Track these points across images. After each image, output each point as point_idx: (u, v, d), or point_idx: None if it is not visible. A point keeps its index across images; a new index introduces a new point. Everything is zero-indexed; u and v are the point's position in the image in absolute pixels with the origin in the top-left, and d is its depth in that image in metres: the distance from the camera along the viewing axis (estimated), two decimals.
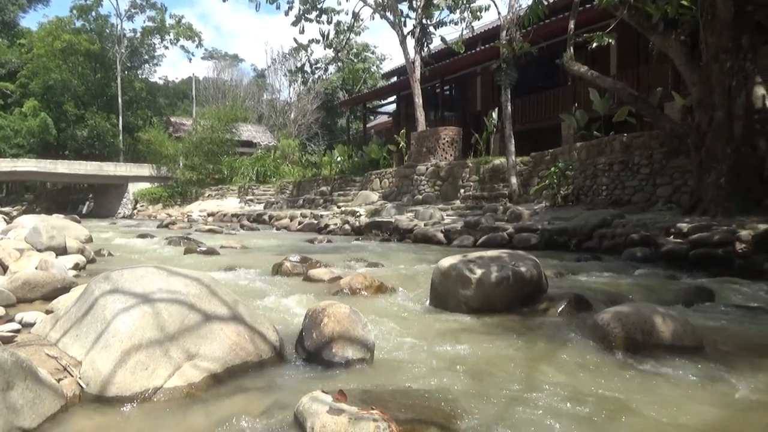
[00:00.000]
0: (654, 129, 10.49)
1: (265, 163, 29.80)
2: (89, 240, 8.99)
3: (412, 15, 19.23)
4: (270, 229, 16.86)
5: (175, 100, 52.14)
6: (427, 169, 16.42)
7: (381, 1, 19.09)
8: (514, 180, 13.13)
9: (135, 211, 30.66)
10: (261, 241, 11.34)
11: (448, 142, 16.82)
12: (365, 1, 19.75)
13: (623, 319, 3.25)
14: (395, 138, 20.23)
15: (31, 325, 3.14)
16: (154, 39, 44.80)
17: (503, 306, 4.21)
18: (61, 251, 6.49)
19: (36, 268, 4.77)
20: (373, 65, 42.08)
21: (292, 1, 19.43)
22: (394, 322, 3.87)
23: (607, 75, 12.26)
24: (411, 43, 19.09)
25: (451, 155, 16.66)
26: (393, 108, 28.03)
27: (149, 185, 31.79)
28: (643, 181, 10.25)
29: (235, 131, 32.26)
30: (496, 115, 15.92)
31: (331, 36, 19.68)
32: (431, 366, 2.86)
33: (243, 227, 17.07)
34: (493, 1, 16.57)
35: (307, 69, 43.48)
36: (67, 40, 38.09)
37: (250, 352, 2.70)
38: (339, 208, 17.25)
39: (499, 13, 15.66)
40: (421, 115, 18.69)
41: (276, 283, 5.41)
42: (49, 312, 3.45)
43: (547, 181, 12.04)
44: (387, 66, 39.53)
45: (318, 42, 20.87)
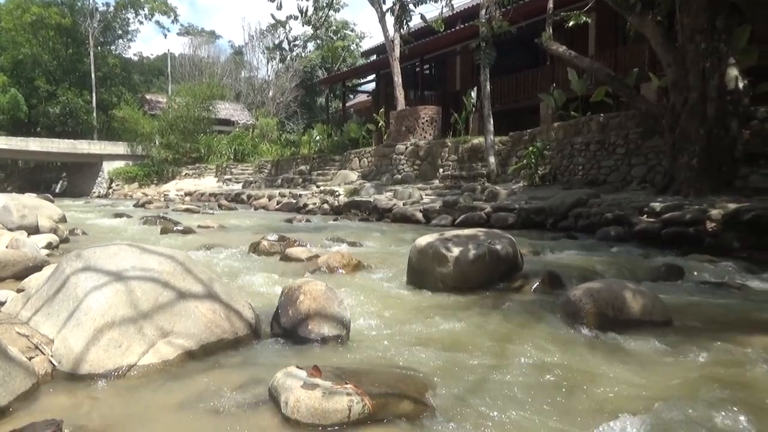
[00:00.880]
0: (630, 109, 10.59)
1: (243, 141, 29.44)
2: (63, 219, 8.84)
3: None
4: (248, 208, 16.74)
5: (151, 77, 51.00)
6: (406, 148, 16.40)
7: None
8: (492, 159, 13.19)
9: (110, 191, 30.13)
10: (239, 220, 11.26)
11: (427, 121, 16.79)
12: None
13: (594, 295, 3.32)
14: (374, 117, 20.13)
15: (2, 303, 3.10)
16: (128, 13, 43.58)
17: (479, 283, 4.27)
18: (33, 230, 6.37)
19: (6, 247, 4.68)
20: (352, 43, 41.58)
21: None
22: (371, 299, 3.90)
23: (585, 55, 12.32)
24: (390, 20, 18.87)
25: (430, 134, 16.65)
26: (372, 87, 27.83)
27: (125, 164, 31.21)
28: (618, 161, 10.38)
29: (212, 109, 31.76)
30: (475, 94, 15.91)
31: (309, 12, 19.29)
32: (406, 342, 2.90)
33: (221, 207, 16.91)
34: None
35: (285, 46, 42.79)
36: (36, 14, 36.87)
37: (225, 329, 2.70)
38: (318, 187, 17.18)
39: None
40: (400, 94, 18.59)
41: (253, 262, 5.40)
42: (20, 291, 3.40)
43: (525, 160, 12.13)
44: (366, 44, 39.13)
45: (296, 18, 20.50)
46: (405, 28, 18.62)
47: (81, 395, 2.15)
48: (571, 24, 10.02)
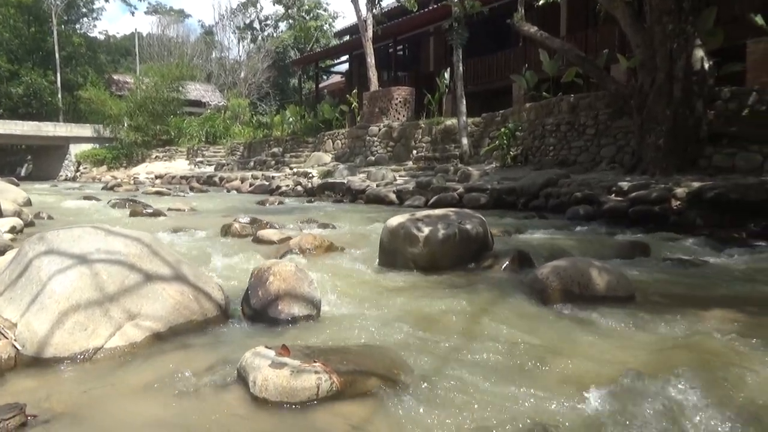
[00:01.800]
0: (600, 90, 10.72)
1: (215, 123, 28.96)
2: (27, 203, 8.63)
3: None
4: (221, 191, 16.55)
5: (118, 56, 49.62)
6: (379, 130, 16.35)
7: None
8: (465, 141, 13.24)
9: (78, 174, 29.42)
10: (210, 203, 11.14)
11: (400, 102, 16.74)
12: None
13: (561, 272, 3.39)
14: (348, 98, 19.99)
15: None
16: None
17: (450, 263, 4.31)
18: None
19: None
20: (325, 23, 41.00)
21: None
22: (342, 280, 3.91)
23: (556, 36, 12.38)
24: (363, 0, 18.69)
25: (403, 116, 16.62)
26: (346, 68, 27.57)
27: (92, 146, 30.46)
28: (588, 141, 10.52)
29: (181, 90, 31.08)
30: (448, 75, 15.90)
31: None
32: (376, 321, 2.92)
33: (192, 189, 16.69)
34: None
35: (256, 26, 42.07)
36: None
37: (194, 311, 2.69)
38: (291, 169, 17.06)
39: None
40: (373, 75, 18.47)
41: (224, 245, 5.36)
42: None
43: (497, 141, 12.21)
44: (339, 24, 38.63)
45: None
46: (377, 8, 18.48)
47: (46, 379, 2.12)
48: (541, 2, 10.04)
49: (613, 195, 7.50)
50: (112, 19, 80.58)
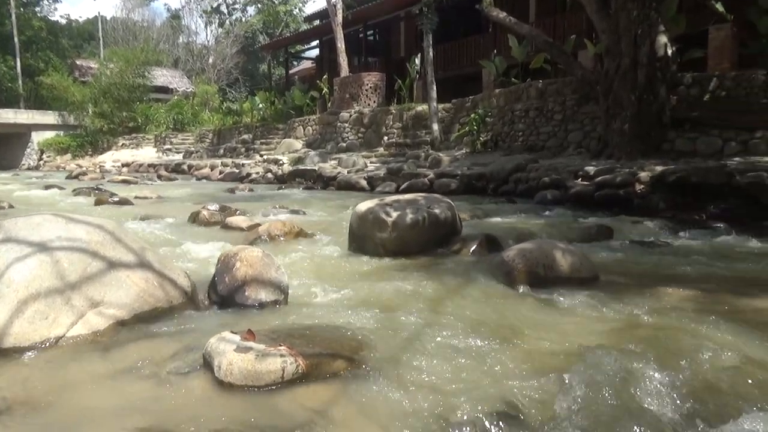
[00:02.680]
0: (567, 76, 10.85)
1: (183, 110, 28.40)
2: None
3: None
4: (190, 179, 16.30)
5: (81, 41, 48.11)
6: (350, 116, 16.28)
7: None
8: (435, 127, 13.27)
9: (41, 163, 28.56)
10: (179, 191, 10.98)
11: (371, 88, 16.67)
12: None
13: (527, 255, 3.45)
14: (318, 84, 19.82)
15: None
16: None
17: (419, 248, 4.34)
18: None
19: None
20: (294, 7, 40.42)
21: None
22: (311, 266, 3.92)
23: (525, 22, 12.45)
24: None
25: (374, 102, 16.57)
26: (316, 53, 27.28)
27: (56, 134, 29.56)
28: (556, 127, 10.66)
29: (147, 75, 30.33)
30: (418, 61, 15.88)
31: None
32: (344, 305, 2.94)
33: (160, 178, 16.40)
34: None
35: (223, 9, 41.27)
36: None
37: (159, 298, 2.66)
38: (261, 156, 16.88)
39: None
40: (343, 60, 18.33)
41: (192, 232, 5.30)
42: None
43: (467, 127, 12.27)
44: (309, 9, 38.21)
45: None
46: None
47: (4, 369, 2.08)
48: None
49: (580, 179, 7.63)
50: (74, 2, 78.01)
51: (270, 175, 13.65)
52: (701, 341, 2.29)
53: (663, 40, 8.16)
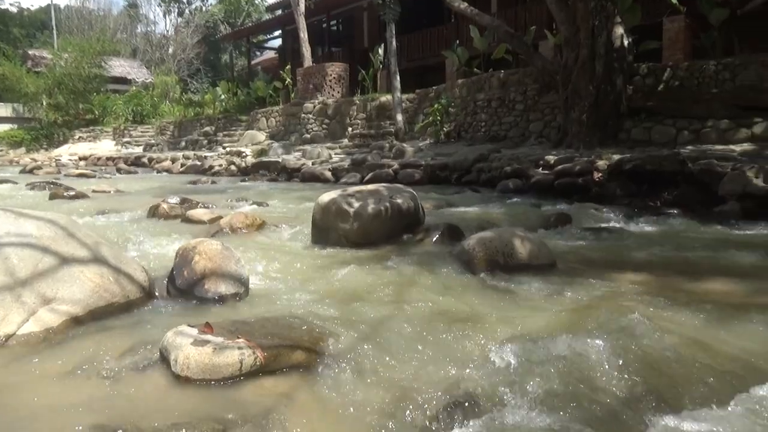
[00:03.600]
0: (528, 66, 10.98)
1: (142, 101, 27.66)
2: None
3: None
4: (150, 172, 15.95)
5: (33, 30, 46.28)
6: (314, 107, 16.16)
7: None
8: (399, 117, 13.28)
9: None
10: (139, 184, 10.73)
11: (335, 78, 16.57)
12: None
13: (486, 243, 3.50)
14: (281, 74, 19.59)
15: None
16: None
17: (382, 238, 4.35)
18: None
19: None
20: None
21: None
22: (273, 258, 3.89)
23: (487, 13, 12.54)
24: None
25: (338, 92, 16.48)
26: (279, 43, 26.94)
27: (9, 127, 28.43)
28: (518, 117, 10.80)
29: (104, 66, 29.42)
30: (382, 51, 15.84)
31: None
32: (306, 296, 2.94)
33: (120, 171, 15.99)
34: None
35: None
36: None
37: (115, 293, 2.61)
38: (224, 148, 16.62)
39: None
40: (306, 50, 18.15)
41: (151, 226, 5.20)
42: None
43: (430, 118, 12.32)
44: None
45: None
46: None
47: None
48: None
49: (541, 168, 7.76)
50: None
51: (233, 167, 13.46)
52: (650, 323, 2.37)
53: (619, 31, 8.34)
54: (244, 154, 14.45)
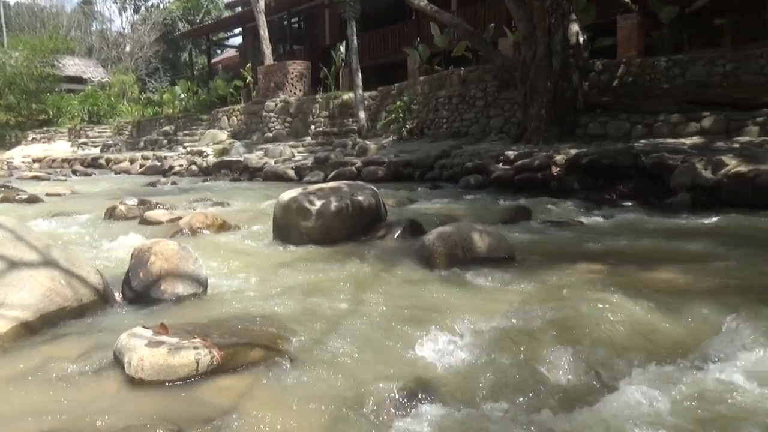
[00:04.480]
0: (488, 63, 11.12)
1: (98, 101, 26.92)
2: None
3: None
4: (108, 173, 15.56)
5: None
6: (276, 105, 16.02)
7: None
8: (362, 115, 13.29)
9: None
10: (96, 186, 10.47)
11: (296, 76, 16.46)
12: None
13: (446, 238, 3.55)
14: (242, 73, 19.34)
15: None
16: None
17: (343, 235, 4.36)
18: None
19: None
20: None
21: None
22: (235, 257, 3.86)
23: (447, 10, 12.63)
24: None
25: (300, 90, 16.38)
26: (239, 41, 26.58)
27: None
28: (478, 113, 10.94)
29: (57, 65, 28.50)
30: (343, 48, 15.81)
31: None
32: (265, 295, 2.92)
33: (76, 173, 15.54)
34: None
35: None
36: None
37: (67, 297, 2.55)
38: (185, 148, 16.34)
39: None
40: (267, 48, 17.96)
41: (108, 228, 5.09)
42: None
43: (393, 115, 12.37)
44: None
45: None
46: None
47: None
48: None
49: (501, 164, 7.89)
50: None
51: (194, 167, 13.25)
52: (602, 311, 2.44)
53: (575, 28, 8.53)
54: (206, 154, 14.24)
